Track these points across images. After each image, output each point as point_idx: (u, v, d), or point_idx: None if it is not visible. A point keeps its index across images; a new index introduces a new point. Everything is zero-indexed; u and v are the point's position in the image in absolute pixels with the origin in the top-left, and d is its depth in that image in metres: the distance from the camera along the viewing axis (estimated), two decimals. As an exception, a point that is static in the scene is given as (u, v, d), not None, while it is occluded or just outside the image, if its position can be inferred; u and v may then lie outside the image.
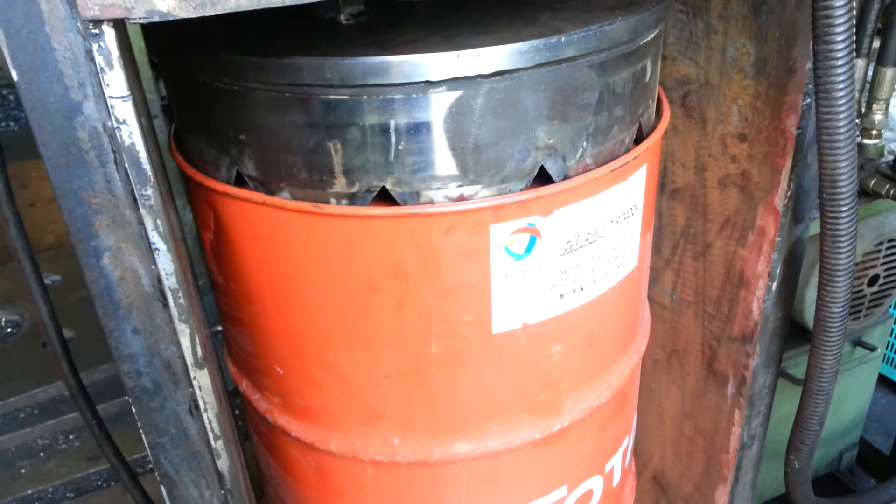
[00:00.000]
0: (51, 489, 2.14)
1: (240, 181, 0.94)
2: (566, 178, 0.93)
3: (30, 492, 2.12)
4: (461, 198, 0.89)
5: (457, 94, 0.83)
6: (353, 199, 0.89)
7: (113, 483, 2.21)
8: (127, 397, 2.36)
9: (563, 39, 0.83)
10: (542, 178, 0.92)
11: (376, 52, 0.79)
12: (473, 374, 1.03)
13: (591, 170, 0.95)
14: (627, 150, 1.01)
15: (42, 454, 2.24)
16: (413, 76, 0.80)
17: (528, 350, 1.03)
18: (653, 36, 0.98)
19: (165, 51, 0.92)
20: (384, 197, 0.89)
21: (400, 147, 0.85)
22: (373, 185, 0.88)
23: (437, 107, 0.83)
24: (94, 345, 2.32)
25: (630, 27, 0.90)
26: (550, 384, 1.09)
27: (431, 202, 0.89)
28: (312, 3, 0.73)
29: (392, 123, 0.84)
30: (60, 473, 2.16)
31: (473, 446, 1.09)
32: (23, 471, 2.18)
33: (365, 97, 0.82)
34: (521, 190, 0.91)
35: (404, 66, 0.79)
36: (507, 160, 0.89)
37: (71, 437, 2.30)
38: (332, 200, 0.90)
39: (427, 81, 0.80)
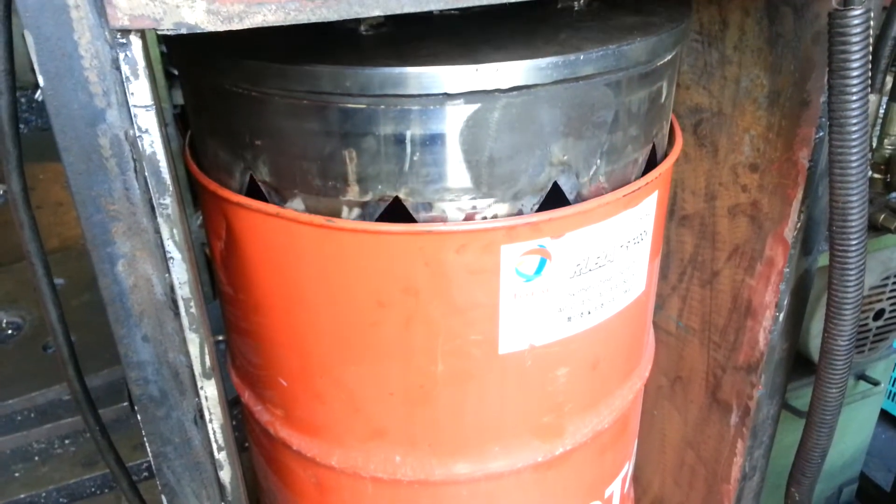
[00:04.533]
0: (44, 494, 2.13)
1: (253, 189, 0.95)
2: (579, 195, 0.94)
3: (23, 496, 2.10)
4: (474, 210, 0.90)
5: (474, 107, 0.83)
6: (365, 207, 0.89)
7: (107, 490, 2.20)
8: (124, 403, 2.35)
9: (581, 57, 0.84)
10: (555, 195, 0.92)
11: (395, 63, 0.80)
12: (478, 394, 1.03)
13: (604, 188, 0.96)
14: (641, 171, 1.02)
15: (37, 458, 2.23)
16: (431, 88, 0.80)
17: (533, 372, 1.03)
18: (670, 58, 0.98)
19: (185, 56, 0.93)
20: (397, 208, 0.89)
21: (415, 158, 0.86)
22: (386, 194, 0.88)
23: (454, 119, 0.84)
24: (94, 350, 2.32)
25: (648, 48, 0.90)
26: (554, 407, 1.09)
27: (444, 214, 0.89)
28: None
29: (408, 134, 0.84)
30: (55, 478, 2.15)
31: (475, 467, 1.08)
32: (17, 474, 2.16)
33: (382, 107, 0.82)
34: (533, 205, 0.91)
35: (422, 78, 0.80)
36: (521, 175, 0.89)
37: (67, 441, 2.29)
38: (345, 209, 0.90)
39: (444, 94, 0.81)
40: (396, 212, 0.90)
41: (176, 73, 2.63)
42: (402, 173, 0.87)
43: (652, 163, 1.04)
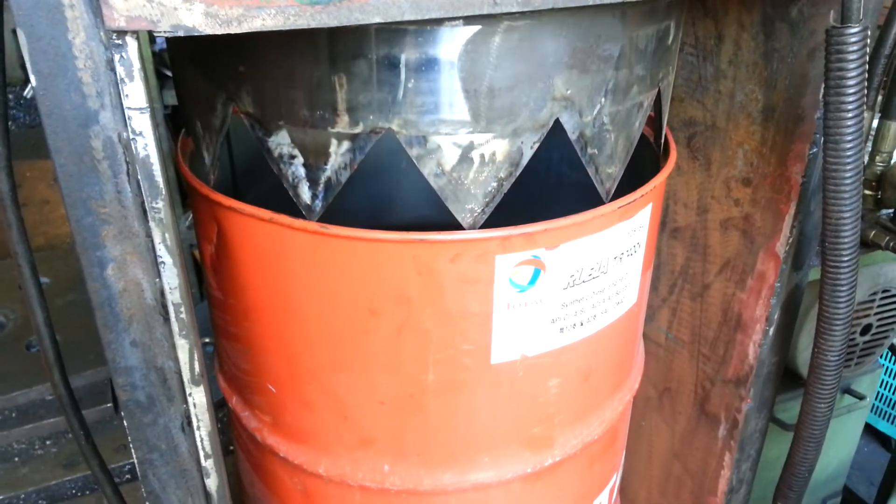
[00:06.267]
0: (23, 495, 2.10)
1: (235, 192, 0.92)
2: (581, 135, 0.89)
3: (1, 497, 2.07)
4: (471, 146, 0.85)
5: (473, 29, 0.78)
6: (355, 140, 0.84)
7: (88, 492, 2.17)
8: (108, 404, 2.32)
9: None
10: (555, 137, 0.87)
11: None
12: (469, 404, 1.02)
13: (608, 131, 0.92)
14: (644, 119, 0.97)
15: (17, 459, 2.20)
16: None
17: (525, 382, 1.02)
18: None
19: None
20: (389, 141, 0.83)
21: (409, 85, 0.80)
22: (378, 126, 0.83)
23: (452, 43, 0.78)
24: (78, 350, 2.29)
25: (657, -21, 0.86)
26: (545, 418, 1.09)
27: (439, 149, 0.84)
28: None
29: (402, 58, 0.79)
30: (34, 480, 2.12)
31: (464, 478, 1.08)
32: (-4, 475, 2.13)
33: (375, 26, 0.76)
34: (533, 143, 0.87)
35: None
36: (522, 109, 0.84)
37: (48, 442, 2.26)
38: (334, 142, 0.85)
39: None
40: (388, 148, 0.85)
41: (167, 73, 2.61)
42: (396, 102, 0.81)
43: (652, 173, 1.03)
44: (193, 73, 0.94)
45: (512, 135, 0.85)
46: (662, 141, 1.13)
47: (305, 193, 0.90)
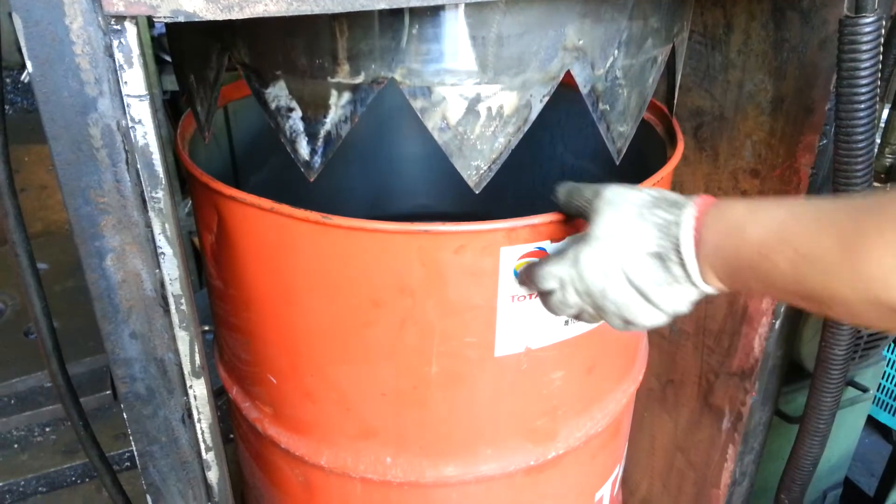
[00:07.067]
0: (22, 482, 2.10)
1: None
2: (593, 90, 0.86)
3: (1, 484, 2.07)
4: (477, 98, 0.81)
5: None
6: (356, 91, 0.80)
7: (87, 479, 2.17)
8: (107, 392, 2.31)
9: None
10: (566, 90, 0.84)
11: None
12: (472, 397, 1.01)
13: (620, 85, 0.89)
14: (657, 77, 0.94)
15: (16, 446, 2.20)
16: None
17: (528, 375, 1.01)
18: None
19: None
20: (392, 93, 0.80)
21: (413, 31, 0.76)
22: (380, 75, 0.79)
23: None
24: (76, 337, 2.29)
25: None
26: (548, 410, 1.08)
27: (443, 101, 0.81)
28: None
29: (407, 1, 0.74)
30: (34, 467, 2.12)
31: (466, 470, 1.07)
32: (-5, 462, 2.13)
33: None
34: (543, 96, 0.84)
35: None
36: (532, 59, 0.80)
37: (48, 429, 2.26)
38: (334, 93, 0.81)
39: None
40: (391, 98, 0.80)
41: (167, 58, 2.58)
42: (399, 50, 0.77)
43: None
44: (188, 25, 0.90)
45: (521, 87, 0.81)
46: (675, 101, 1.09)
47: (304, 148, 0.87)
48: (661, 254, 0.74)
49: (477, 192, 0.88)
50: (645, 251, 0.75)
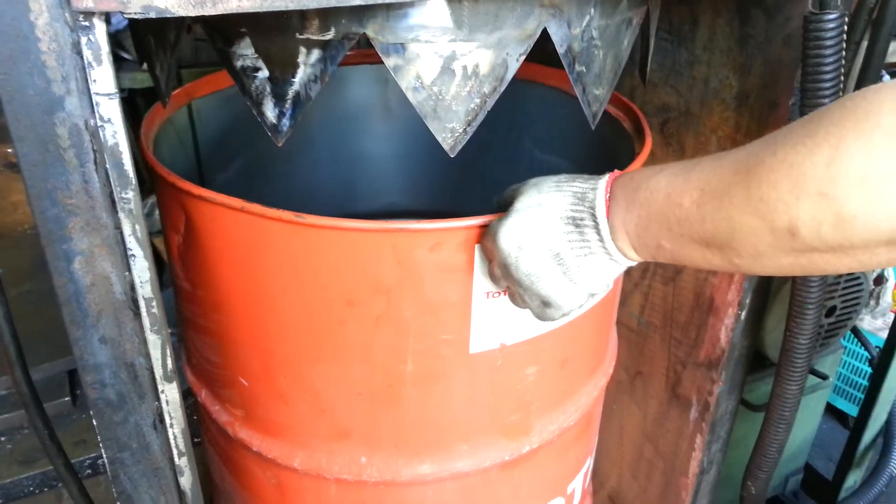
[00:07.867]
0: (-23, 494, 2.03)
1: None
2: (569, 49, 0.85)
3: (-44, 496, 2.00)
4: (452, 55, 0.79)
5: None
6: (327, 48, 0.77)
7: (46, 489, 2.10)
8: (66, 398, 2.24)
9: None
10: (543, 49, 0.83)
11: None
12: (447, 394, 1.01)
13: (596, 46, 0.88)
14: (632, 40, 0.94)
15: (-28, 455, 2.12)
16: None
17: (503, 371, 1.02)
18: None
19: None
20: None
21: None
22: (351, 31, 0.75)
23: None
24: (33, 343, 2.21)
25: None
26: (522, 406, 1.08)
27: (418, 58, 0.79)
28: None
29: None
30: (-10, 477, 2.05)
31: (442, 467, 1.07)
32: (-50, 472, 2.06)
33: None
34: (519, 55, 0.82)
35: None
36: (508, 16, 0.79)
37: (2, 439, 2.19)
38: (303, 50, 0.78)
39: None
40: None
41: (124, 55, 2.52)
42: (372, 4, 0.74)
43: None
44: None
45: (497, 45, 0.80)
46: (647, 70, 1.10)
47: (271, 111, 0.83)
48: (575, 218, 0.75)
49: (452, 156, 0.85)
50: (559, 216, 0.76)
